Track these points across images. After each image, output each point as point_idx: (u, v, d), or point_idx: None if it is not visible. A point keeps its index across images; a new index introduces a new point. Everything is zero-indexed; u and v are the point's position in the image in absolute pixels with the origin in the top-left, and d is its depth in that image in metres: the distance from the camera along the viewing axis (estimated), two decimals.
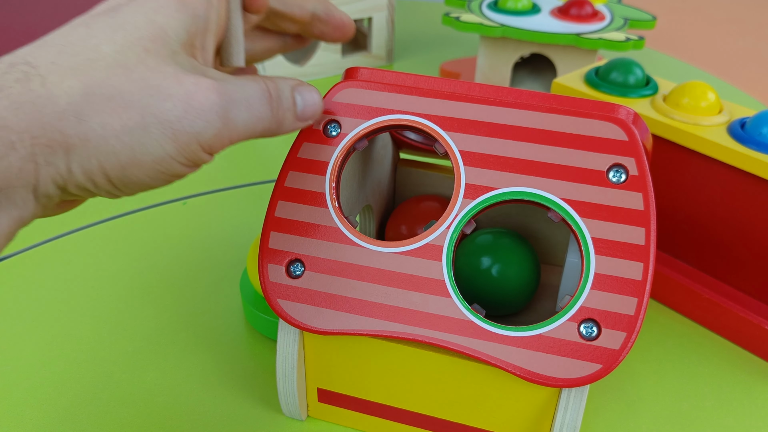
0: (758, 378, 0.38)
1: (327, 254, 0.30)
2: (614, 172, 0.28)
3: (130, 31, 0.23)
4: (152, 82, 0.23)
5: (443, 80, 0.31)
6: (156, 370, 0.38)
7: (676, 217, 0.44)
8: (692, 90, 0.42)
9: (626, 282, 0.27)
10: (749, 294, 0.42)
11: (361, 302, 0.29)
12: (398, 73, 0.31)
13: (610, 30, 0.66)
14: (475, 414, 0.31)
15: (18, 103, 0.21)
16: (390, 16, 0.78)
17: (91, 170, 0.23)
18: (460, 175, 0.29)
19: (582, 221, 0.28)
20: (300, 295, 0.30)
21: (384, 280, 0.29)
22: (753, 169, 0.38)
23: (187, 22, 0.24)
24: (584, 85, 0.45)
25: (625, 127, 0.28)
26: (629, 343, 0.27)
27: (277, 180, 0.31)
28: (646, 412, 0.36)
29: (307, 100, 0.28)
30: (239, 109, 0.25)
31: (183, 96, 0.23)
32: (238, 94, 0.25)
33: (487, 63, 0.70)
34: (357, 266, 0.29)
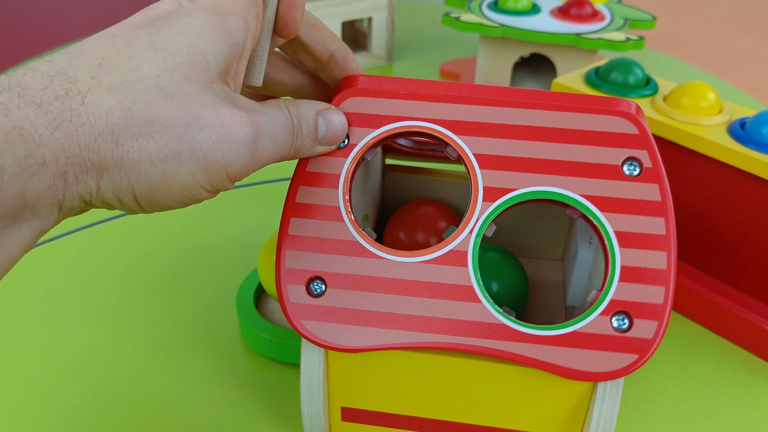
0: (758, 378, 0.38)
1: (348, 269, 0.29)
2: (628, 165, 0.29)
3: (171, 54, 0.23)
4: (191, 110, 0.23)
5: (447, 84, 0.31)
6: (156, 370, 0.38)
7: (676, 217, 0.44)
8: (692, 90, 0.42)
9: (652, 272, 0.28)
10: (749, 294, 0.42)
11: (389, 315, 0.28)
12: (399, 79, 0.31)
13: (610, 30, 0.66)
14: (509, 416, 0.31)
15: (57, 122, 0.21)
16: (390, 16, 0.78)
17: (121, 190, 0.23)
18: (477, 178, 0.29)
19: (603, 216, 0.28)
20: (324, 314, 0.29)
21: (411, 290, 0.28)
22: (753, 169, 0.38)
23: (227, 50, 0.24)
24: (584, 85, 0.45)
25: (635, 121, 0.29)
26: (661, 331, 0.28)
27: (287, 196, 0.30)
28: (645, 412, 0.36)
29: (331, 126, 0.28)
30: (266, 141, 0.25)
31: (218, 127, 0.23)
32: (266, 125, 0.25)
33: (487, 63, 0.70)
34: (381, 279, 0.29)
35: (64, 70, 0.22)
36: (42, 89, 0.21)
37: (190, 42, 0.23)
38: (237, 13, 0.25)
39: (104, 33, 0.24)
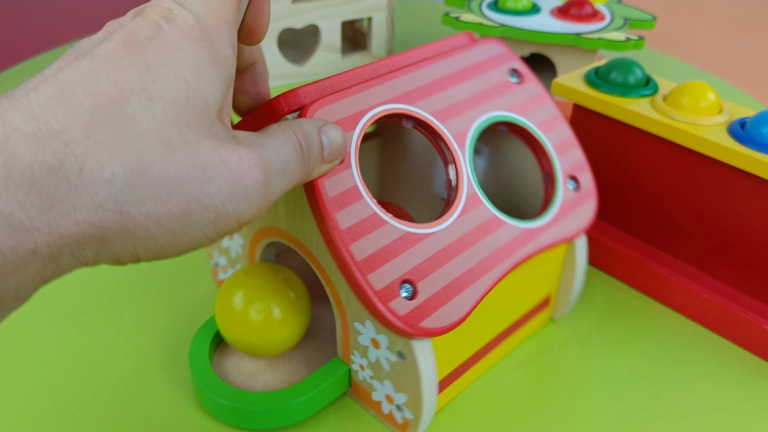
0: (758, 378, 0.38)
1: (419, 259, 0.29)
2: (512, 76, 0.38)
3: (170, 103, 0.21)
4: (197, 162, 0.21)
5: (367, 67, 0.33)
6: (155, 369, 0.38)
7: (676, 217, 0.44)
8: (692, 90, 0.42)
9: (568, 141, 0.38)
10: (749, 294, 0.42)
11: (462, 278, 0.30)
12: (331, 78, 0.31)
13: (610, 30, 0.66)
14: (526, 300, 0.38)
15: (51, 201, 0.18)
16: (390, 16, 0.78)
17: (124, 254, 0.21)
18: (444, 132, 0.33)
19: (523, 118, 0.36)
20: (425, 309, 0.29)
21: (462, 247, 0.31)
22: (753, 169, 0.38)
23: (223, 86, 0.22)
24: (584, 85, 0.45)
25: (499, 42, 0.38)
26: (593, 181, 0.38)
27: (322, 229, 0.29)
28: (645, 412, 0.36)
29: (334, 141, 0.27)
30: (277, 180, 0.23)
31: (228, 177, 0.21)
32: (275, 160, 0.23)
33: None
34: (441, 252, 0.30)
35: (55, 131, 0.19)
36: (32, 162, 0.18)
37: (188, 86, 0.21)
38: (225, 39, 0.22)
39: (81, 66, 0.20)
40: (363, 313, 0.30)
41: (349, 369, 0.34)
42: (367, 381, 0.33)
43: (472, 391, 0.37)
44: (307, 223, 0.31)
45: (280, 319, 0.32)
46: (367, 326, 0.31)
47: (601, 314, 0.43)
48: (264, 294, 0.33)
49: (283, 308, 0.33)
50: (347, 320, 0.32)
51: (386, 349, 0.31)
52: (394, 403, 0.32)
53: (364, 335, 0.31)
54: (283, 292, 0.33)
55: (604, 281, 0.46)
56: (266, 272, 0.34)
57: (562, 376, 0.38)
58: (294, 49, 0.78)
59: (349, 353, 0.33)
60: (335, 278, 0.31)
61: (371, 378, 0.33)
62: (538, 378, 0.38)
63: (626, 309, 0.43)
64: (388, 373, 0.31)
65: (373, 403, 0.34)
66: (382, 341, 0.31)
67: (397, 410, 0.33)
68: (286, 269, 0.34)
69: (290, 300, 0.33)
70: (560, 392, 0.37)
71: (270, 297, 0.33)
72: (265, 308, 0.32)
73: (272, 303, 0.32)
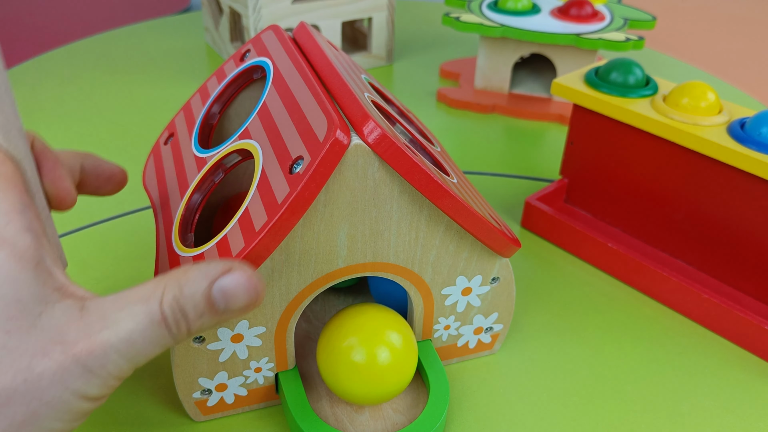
0: (758, 378, 0.38)
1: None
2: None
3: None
4: (21, 365, 0.21)
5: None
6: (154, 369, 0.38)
7: (675, 217, 0.44)
8: (692, 90, 0.42)
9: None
10: (749, 294, 0.42)
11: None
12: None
13: (610, 30, 0.66)
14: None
15: None
16: (390, 16, 0.78)
17: None
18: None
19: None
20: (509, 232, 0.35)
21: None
22: (753, 169, 0.38)
23: (35, 274, 0.22)
24: (584, 85, 0.45)
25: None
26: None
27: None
28: (645, 412, 0.36)
29: (230, 293, 0.24)
30: (120, 355, 0.22)
31: (56, 369, 0.21)
32: (115, 337, 0.22)
33: (487, 63, 0.70)
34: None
35: None
36: None
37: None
38: (19, 229, 0.22)
39: None
40: (452, 275, 0.34)
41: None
42: (451, 336, 0.37)
43: None
44: (382, 236, 0.31)
45: (409, 367, 0.32)
46: (459, 282, 0.34)
47: (601, 314, 0.43)
48: (404, 348, 0.32)
49: (409, 354, 0.32)
50: (432, 295, 0.34)
51: (479, 286, 0.35)
52: (484, 328, 0.37)
53: (452, 295, 0.35)
54: (403, 334, 0.33)
55: (604, 281, 0.46)
56: (380, 315, 0.33)
57: (562, 375, 0.38)
58: None
59: (431, 326, 0.36)
60: (420, 267, 0.33)
61: (457, 329, 0.37)
62: (538, 378, 0.38)
63: (626, 309, 0.43)
64: (479, 308, 0.36)
65: (457, 351, 0.38)
66: (476, 282, 0.35)
67: (485, 333, 0.38)
68: (385, 308, 0.34)
69: (410, 340, 0.33)
70: (560, 392, 0.37)
71: (406, 349, 0.32)
72: (405, 360, 0.32)
73: (406, 355, 0.32)
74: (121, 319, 0.22)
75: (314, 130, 0.28)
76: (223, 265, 0.24)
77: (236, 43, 0.77)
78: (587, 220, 0.49)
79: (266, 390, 0.34)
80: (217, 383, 0.32)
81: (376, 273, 0.32)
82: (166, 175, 0.36)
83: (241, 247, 0.27)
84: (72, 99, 0.70)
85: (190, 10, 1.26)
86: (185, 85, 0.74)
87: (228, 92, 0.38)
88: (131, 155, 0.59)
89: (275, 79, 0.34)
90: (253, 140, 0.31)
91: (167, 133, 0.39)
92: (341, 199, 0.28)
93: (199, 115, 0.37)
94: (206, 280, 0.23)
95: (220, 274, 0.24)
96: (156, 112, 0.68)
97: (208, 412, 0.34)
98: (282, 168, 0.28)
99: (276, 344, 0.32)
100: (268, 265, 0.29)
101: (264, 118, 0.32)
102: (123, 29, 0.91)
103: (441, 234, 0.32)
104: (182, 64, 0.79)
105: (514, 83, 0.73)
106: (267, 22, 0.69)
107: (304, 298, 0.31)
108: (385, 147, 0.27)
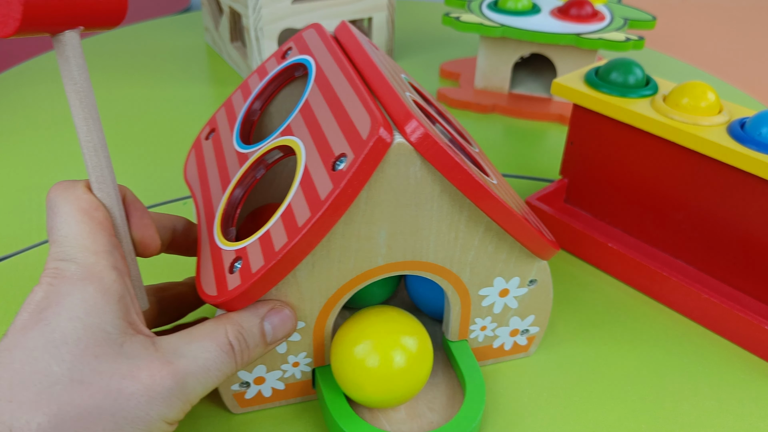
0: (758, 378, 0.38)
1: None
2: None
3: (72, 343, 0.23)
4: (112, 387, 0.24)
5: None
6: None
7: (676, 217, 0.44)
8: (692, 90, 0.42)
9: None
10: (749, 294, 0.42)
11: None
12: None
13: (610, 30, 0.66)
14: None
15: None
16: (390, 16, 0.78)
17: None
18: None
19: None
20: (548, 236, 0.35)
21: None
22: (753, 169, 0.38)
23: (117, 308, 0.25)
24: (584, 85, 0.45)
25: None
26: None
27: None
28: (645, 412, 0.36)
29: (279, 328, 0.29)
30: (195, 382, 0.26)
31: (143, 391, 0.24)
32: (192, 367, 0.26)
33: (487, 63, 0.70)
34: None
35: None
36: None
37: (83, 324, 0.24)
38: (106, 266, 0.25)
39: (1, 349, 0.24)
40: (490, 276, 0.34)
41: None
42: (488, 337, 0.37)
43: None
44: (421, 233, 0.31)
45: (426, 365, 0.33)
46: (496, 283, 0.34)
47: (601, 314, 0.43)
48: (420, 349, 0.32)
49: (425, 352, 0.33)
50: (469, 295, 0.34)
51: (517, 288, 0.35)
52: (521, 330, 0.37)
53: (489, 296, 0.35)
54: (418, 334, 0.33)
55: (603, 281, 0.46)
56: (394, 317, 0.33)
57: (562, 375, 0.38)
58: None
59: (468, 326, 0.36)
60: (458, 266, 0.33)
61: (494, 330, 0.37)
62: (537, 377, 0.38)
63: (626, 309, 0.43)
64: (515, 309, 0.36)
65: (492, 352, 0.38)
66: (514, 283, 0.34)
67: (521, 335, 0.37)
68: (394, 307, 0.34)
69: (425, 339, 0.33)
70: (560, 391, 0.37)
71: (422, 349, 0.32)
72: (422, 356, 0.32)
73: (422, 353, 0.32)
74: (193, 350, 0.26)
75: (357, 127, 0.28)
76: (268, 305, 0.29)
77: (236, 43, 0.77)
78: (587, 220, 0.49)
79: (303, 385, 0.35)
80: (256, 376, 0.33)
81: (414, 271, 0.32)
82: (208, 169, 0.36)
83: (284, 242, 0.27)
84: None
85: (190, 10, 1.26)
86: (185, 85, 0.74)
87: (269, 89, 0.38)
88: (131, 155, 0.59)
89: (318, 77, 0.34)
90: (296, 137, 0.31)
91: (208, 128, 0.40)
92: (382, 197, 0.29)
93: (241, 112, 0.38)
94: (258, 318, 0.29)
95: (267, 312, 0.29)
96: (156, 112, 0.68)
97: (246, 404, 0.34)
98: (325, 165, 0.28)
99: (314, 340, 0.33)
100: (309, 260, 0.29)
101: (306, 115, 0.32)
102: (123, 29, 0.91)
103: (480, 235, 0.32)
104: (182, 64, 0.79)
105: (514, 83, 0.73)
106: (267, 22, 0.69)
107: (343, 295, 0.31)
108: (427, 146, 0.27)
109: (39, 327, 0.24)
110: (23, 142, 0.61)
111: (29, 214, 0.51)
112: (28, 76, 0.76)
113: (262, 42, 0.70)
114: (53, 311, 0.24)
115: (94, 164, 0.27)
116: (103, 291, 0.25)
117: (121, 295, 0.25)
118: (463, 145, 0.34)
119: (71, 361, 0.23)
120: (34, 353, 0.23)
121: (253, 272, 0.28)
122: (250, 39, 0.70)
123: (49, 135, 0.62)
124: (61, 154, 0.59)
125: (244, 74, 0.75)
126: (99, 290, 0.25)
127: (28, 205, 0.52)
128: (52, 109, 0.68)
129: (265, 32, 0.69)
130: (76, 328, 0.24)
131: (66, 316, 0.24)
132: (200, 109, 0.68)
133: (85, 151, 0.27)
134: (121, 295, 0.25)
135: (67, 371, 0.23)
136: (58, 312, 0.24)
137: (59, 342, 0.23)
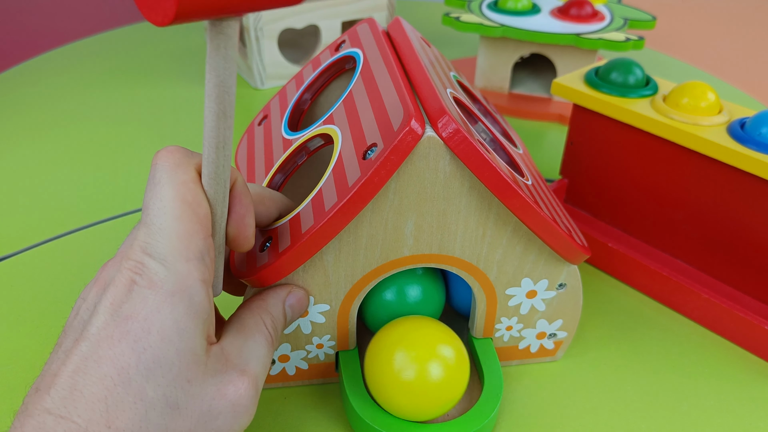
0: (758, 378, 0.38)
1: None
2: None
3: (167, 366, 0.23)
4: (203, 409, 0.24)
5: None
6: None
7: (675, 217, 0.44)
8: (692, 90, 0.42)
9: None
10: (749, 294, 0.42)
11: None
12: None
13: (610, 30, 0.66)
14: None
15: None
16: (390, 16, 0.78)
17: None
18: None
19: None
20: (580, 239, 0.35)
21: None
22: (752, 169, 0.38)
23: (203, 328, 0.25)
24: (584, 86, 0.45)
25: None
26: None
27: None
28: (646, 412, 0.36)
29: (295, 307, 0.31)
30: (262, 379, 0.27)
31: (230, 407, 0.25)
32: (259, 368, 0.27)
33: (487, 63, 0.70)
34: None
35: (82, 428, 0.22)
36: None
37: (176, 347, 0.24)
38: (196, 280, 0.24)
39: (82, 350, 0.23)
40: (518, 276, 0.34)
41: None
42: (513, 337, 0.37)
43: None
44: (449, 229, 0.31)
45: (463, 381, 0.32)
46: (524, 284, 0.34)
47: (601, 314, 0.43)
48: (457, 366, 0.32)
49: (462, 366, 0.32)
50: (496, 294, 0.34)
51: (545, 291, 0.35)
52: (548, 334, 0.37)
53: (516, 296, 0.35)
54: (457, 349, 0.32)
55: (604, 281, 0.46)
56: (432, 331, 0.32)
57: (562, 375, 0.38)
58: (294, 49, 0.78)
59: (493, 324, 0.36)
60: (485, 264, 0.33)
61: (520, 331, 0.36)
62: (536, 377, 0.38)
63: (626, 309, 0.43)
64: (543, 312, 0.36)
65: (518, 353, 0.38)
66: (542, 286, 0.34)
67: (548, 339, 0.37)
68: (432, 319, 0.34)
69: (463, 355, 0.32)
70: (559, 391, 0.37)
71: (459, 366, 0.32)
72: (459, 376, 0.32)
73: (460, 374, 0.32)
74: (252, 350, 0.27)
75: (390, 119, 0.28)
76: (287, 288, 0.30)
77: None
78: (587, 220, 0.49)
79: (326, 366, 0.35)
80: (281, 354, 0.34)
81: (440, 265, 0.32)
82: (256, 153, 0.38)
83: (310, 225, 0.28)
84: (71, 99, 0.70)
85: None
86: (185, 85, 0.74)
87: (320, 80, 0.39)
88: (131, 155, 0.59)
89: (363, 69, 0.35)
90: (335, 126, 0.32)
91: (262, 114, 0.41)
92: (411, 189, 0.29)
93: (292, 100, 0.39)
94: (281, 302, 0.30)
95: (287, 295, 0.30)
96: (156, 112, 0.68)
97: (270, 380, 0.35)
98: (357, 153, 0.29)
99: (338, 323, 0.33)
100: (336, 245, 0.30)
101: (348, 105, 0.33)
102: (123, 29, 0.91)
103: (509, 234, 0.32)
104: (182, 64, 0.79)
105: (514, 83, 0.73)
106: (267, 21, 0.69)
107: (369, 282, 0.32)
108: (457, 141, 0.28)
109: (128, 341, 0.23)
110: (23, 141, 0.61)
111: (29, 214, 0.51)
112: (28, 76, 0.76)
113: (262, 42, 0.70)
114: (141, 326, 0.23)
115: (211, 160, 0.25)
116: (193, 313, 0.24)
117: (207, 314, 0.25)
118: (503, 145, 0.34)
119: (165, 386, 0.23)
120: (128, 372, 0.23)
121: (279, 252, 0.29)
122: (250, 39, 0.70)
123: (49, 135, 0.63)
124: (61, 154, 0.59)
125: (245, 74, 0.75)
126: (189, 312, 0.24)
127: (28, 205, 0.52)
128: (53, 109, 0.68)
129: (265, 32, 0.69)
130: (169, 352, 0.23)
131: (158, 336, 0.23)
132: (200, 109, 0.68)
133: (207, 145, 0.25)
134: (207, 314, 0.25)
135: (162, 396, 0.23)
136: (148, 329, 0.23)
137: (152, 364, 0.23)
